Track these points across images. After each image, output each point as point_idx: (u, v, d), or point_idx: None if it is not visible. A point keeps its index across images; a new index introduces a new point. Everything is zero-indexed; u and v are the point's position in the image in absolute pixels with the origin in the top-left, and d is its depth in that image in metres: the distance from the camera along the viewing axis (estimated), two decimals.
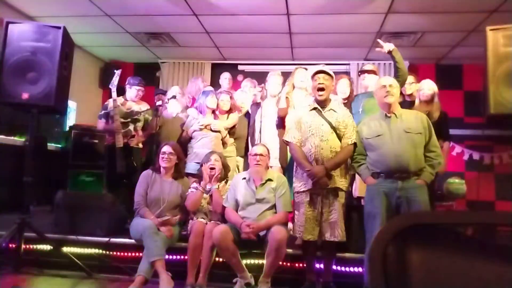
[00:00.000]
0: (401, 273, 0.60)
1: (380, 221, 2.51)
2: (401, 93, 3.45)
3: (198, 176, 3.28)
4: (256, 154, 2.95)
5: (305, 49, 5.84)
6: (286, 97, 3.54)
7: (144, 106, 4.07)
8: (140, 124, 4.03)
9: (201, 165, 3.20)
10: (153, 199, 3.10)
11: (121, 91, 4.01)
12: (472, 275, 0.58)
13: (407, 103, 3.64)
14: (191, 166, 3.54)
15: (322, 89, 2.74)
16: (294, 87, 3.69)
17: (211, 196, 3.08)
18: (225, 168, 3.24)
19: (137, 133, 4.00)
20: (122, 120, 3.85)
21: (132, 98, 4.01)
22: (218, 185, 3.10)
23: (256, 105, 3.99)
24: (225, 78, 4.61)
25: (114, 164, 3.75)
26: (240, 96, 4.18)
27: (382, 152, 2.59)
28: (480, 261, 0.58)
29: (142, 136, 4.06)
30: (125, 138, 3.81)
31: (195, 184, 3.15)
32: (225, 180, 3.23)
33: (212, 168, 3.11)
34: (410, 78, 3.79)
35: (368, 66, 3.73)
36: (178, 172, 3.26)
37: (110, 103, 3.92)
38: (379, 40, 3.30)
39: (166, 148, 3.18)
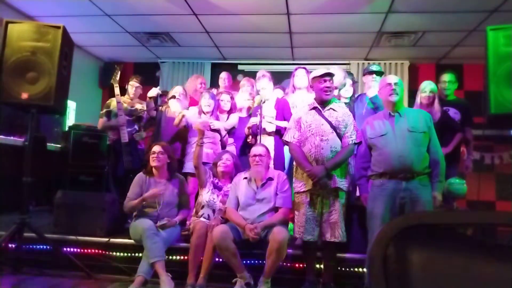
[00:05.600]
0: (402, 273, 0.59)
1: (383, 221, 2.50)
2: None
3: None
4: (255, 155, 2.95)
5: (305, 48, 5.83)
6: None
7: (146, 106, 4.07)
8: (142, 123, 4.05)
9: (214, 164, 3.25)
10: (149, 202, 3.06)
11: (122, 91, 4.01)
12: (472, 275, 0.57)
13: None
14: (190, 166, 3.53)
15: (329, 90, 2.76)
16: (295, 88, 3.68)
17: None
18: (237, 167, 3.26)
19: (141, 130, 4.02)
20: (127, 117, 3.85)
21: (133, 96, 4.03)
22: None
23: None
24: (221, 78, 4.60)
25: (119, 161, 3.73)
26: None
27: (386, 152, 2.57)
28: (480, 261, 0.58)
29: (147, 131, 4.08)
30: (129, 134, 3.81)
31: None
32: None
33: (223, 167, 3.15)
34: (449, 76, 3.75)
35: (375, 66, 3.70)
36: (172, 172, 3.24)
37: (113, 101, 3.92)
38: None
39: (155, 148, 3.16)
